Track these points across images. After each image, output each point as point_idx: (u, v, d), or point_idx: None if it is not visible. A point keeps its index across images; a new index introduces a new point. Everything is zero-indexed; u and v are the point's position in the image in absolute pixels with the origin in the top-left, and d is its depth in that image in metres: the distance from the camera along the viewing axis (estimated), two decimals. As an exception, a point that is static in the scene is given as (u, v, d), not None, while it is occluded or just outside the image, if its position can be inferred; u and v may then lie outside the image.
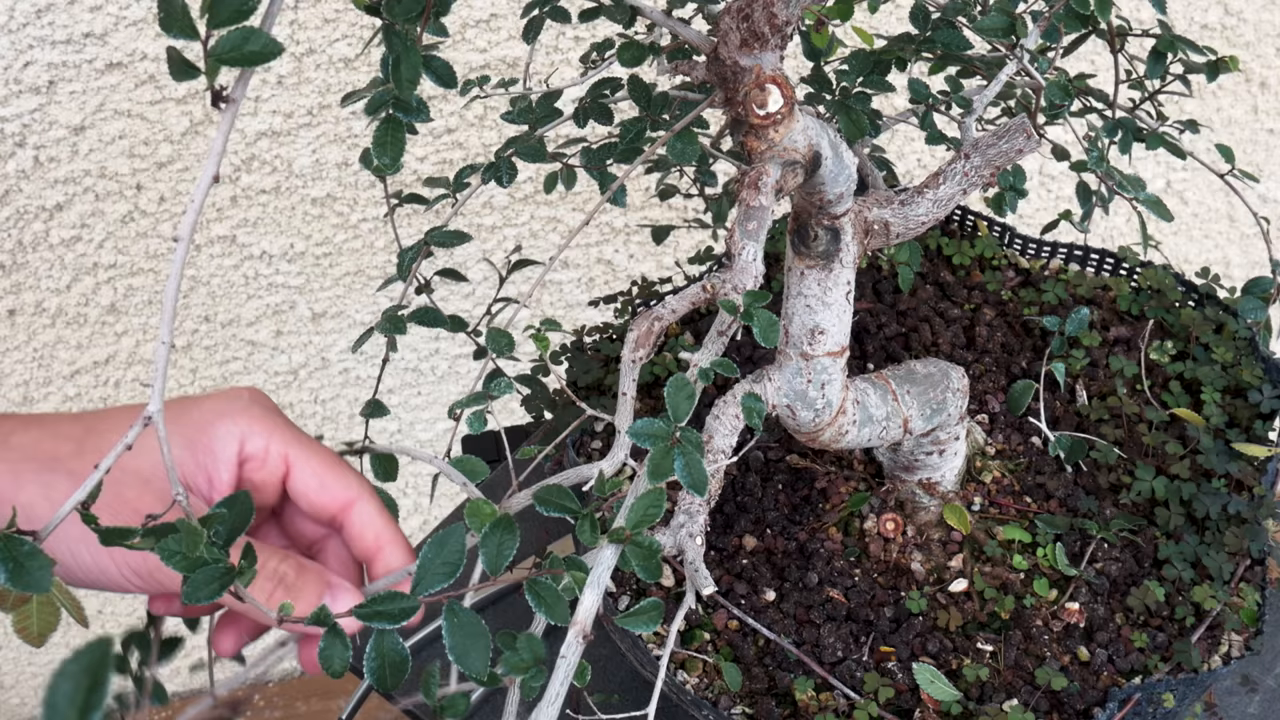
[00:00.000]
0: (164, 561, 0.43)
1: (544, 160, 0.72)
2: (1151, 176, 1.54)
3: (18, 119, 1.27)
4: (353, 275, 1.49)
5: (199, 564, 0.43)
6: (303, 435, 0.62)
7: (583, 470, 0.54)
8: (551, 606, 0.46)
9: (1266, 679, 0.88)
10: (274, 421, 0.61)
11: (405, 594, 0.43)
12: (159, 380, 0.40)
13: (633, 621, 0.51)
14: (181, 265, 0.38)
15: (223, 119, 0.37)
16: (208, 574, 0.44)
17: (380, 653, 0.44)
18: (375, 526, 0.61)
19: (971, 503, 0.84)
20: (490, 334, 0.69)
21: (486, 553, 0.45)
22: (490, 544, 0.46)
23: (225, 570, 0.44)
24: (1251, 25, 1.42)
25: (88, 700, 0.23)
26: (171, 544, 0.43)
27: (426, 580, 0.43)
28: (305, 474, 0.61)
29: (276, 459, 0.60)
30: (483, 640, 0.43)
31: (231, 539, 0.46)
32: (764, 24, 0.52)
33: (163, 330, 0.39)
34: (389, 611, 0.43)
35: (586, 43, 1.31)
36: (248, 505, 0.48)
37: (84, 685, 0.23)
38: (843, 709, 0.73)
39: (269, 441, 0.60)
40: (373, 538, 0.61)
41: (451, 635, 0.43)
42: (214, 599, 0.44)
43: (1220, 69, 0.75)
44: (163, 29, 0.36)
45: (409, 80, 0.42)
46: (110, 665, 0.23)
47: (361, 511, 0.61)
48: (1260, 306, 0.84)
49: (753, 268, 0.52)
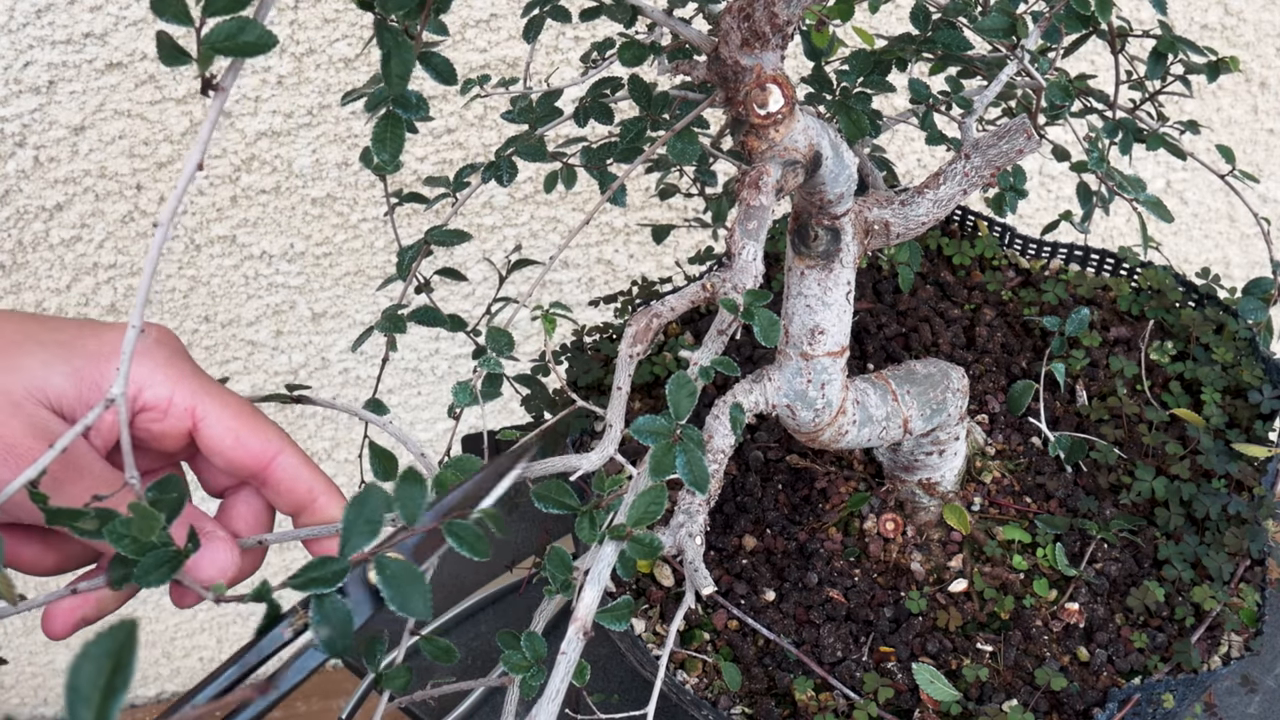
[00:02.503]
0: (112, 544, 0.42)
1: (544, 159, 0.72)
2: (1151, 177, 1.54)
3: (18, 119, 1.27)
4: (353, 275, 1.49)
5: (148, 548, 0.43)
6: (212, 384, 0.57)
7: (570, 460, 0.54)
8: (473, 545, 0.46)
9: (1266, 679, 0.88)
10: (180, 369, 0.56)
11: (334, 557, 0.43)
12: (125, 363, 0.40)
13: (606, 618, 0.51)
14: (158, 250, 0.38)
15: (211, 107, 0.37)
16: (157, 558, 0.43)
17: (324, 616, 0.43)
18: (304, 478, 0.58)
19: (971, 503, 0.84)
20: (490, 333, 0.69)
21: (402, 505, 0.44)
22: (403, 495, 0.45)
23: (173, 554, 0.44)
24: (1251, 25, 1.42)
25: (111, 683, 0.23)
26: (118, 527, 0.43)
27: (353, 541, 0.43)
28: (217, 429, 0.56)
29: (180, 411, 0.56)
30: (420, 584, 0.43)
31: (171, 519, 0.46)
32: (765, 23, 0.52)
33: (133, 315, 0.39)
34: (321, 576, 0.43)
35: (586, 42, 1.31)
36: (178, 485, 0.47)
37: (107, 668, 0.23)
38: (842, 709, 0.73)
39: (173, 392, 0.56)
40: (304, 490, 0.58)
41: (388, 587, 0.43)
42: (163, 582, 0.43)
43: (1221, 69, 0.75)
44: (155, 12, 0.36)
45: (399, 75, 0.42)
46: (135, 649, 0.23)
47: (286, 464, 0.58)
48: (1261, 307, 0.84)
49: (753, 267, 0.52)
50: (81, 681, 0.23)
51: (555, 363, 0.90)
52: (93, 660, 0.23)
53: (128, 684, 0.23)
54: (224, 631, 1.87)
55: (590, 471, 0.55)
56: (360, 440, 1.33)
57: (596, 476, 0.55)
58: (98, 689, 0.23)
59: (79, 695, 0.23)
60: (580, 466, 0.54)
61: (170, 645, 1.85)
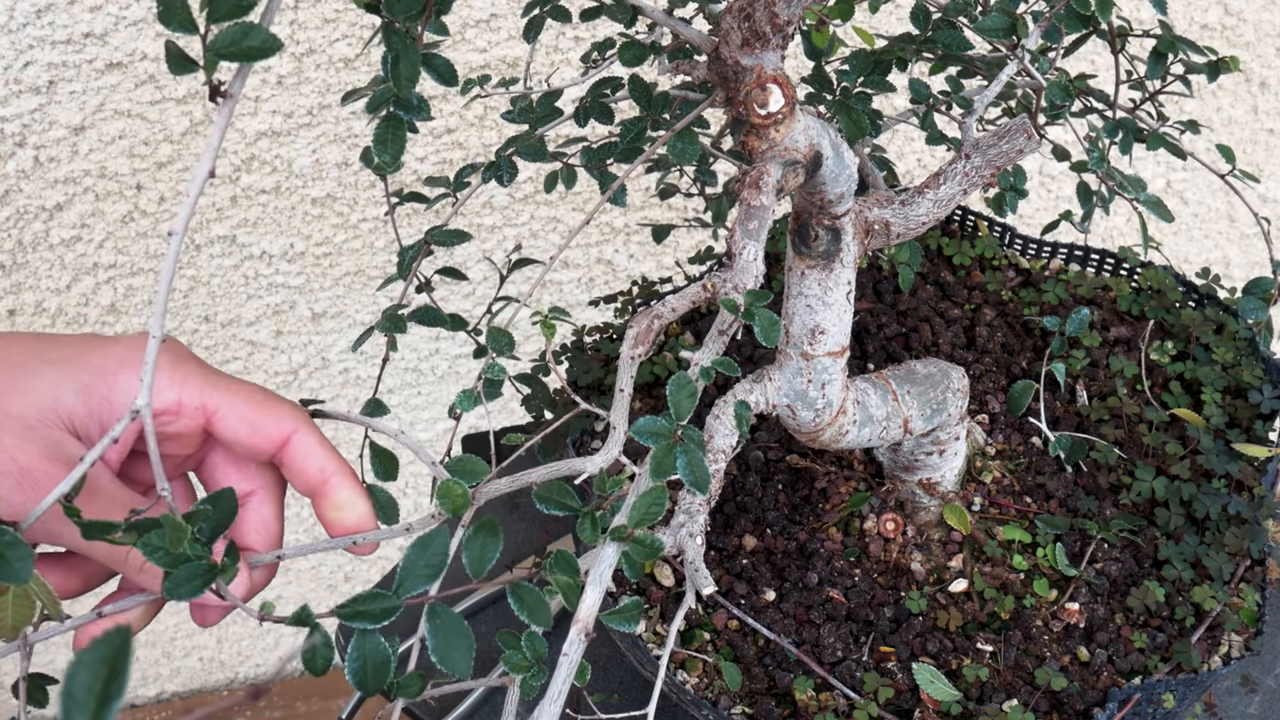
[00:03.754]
0: (147, 557, 0.43)
1: (544, 159, 0.72)
2: (1151, 176, 1.54)
3: (18, 119, 1.27)
4: (353, 275, 1.49)
5: (181, 560, 0.43)
6: (220, 377, 0.57)
7: (575, 463, 0.54)
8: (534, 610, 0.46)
9: (1266, 679, 0.88)
10: (185, 370, 0.56)
11: (387, 593, 0.43)
12: (148, 374, 0.40)
13: (615, 619, 0.51)
14: (175, 260, 0.38)
15: (219, 114, 0.37)
16: (190, 571, 0.43)
17: (363, 654, 0.43)
18: (317, 458, 0.57)
19: (971, 503, 0.84)
20: (490, 332, 0.69)
21: (470, 555, 0.45)
22: (474, 547, 0.45)
23: (208, 568, 0.43)
24: (1251, 25, 1.42)
25: (106, 689, 0.23)
26: (154, 539, 0.43)
27: (409, 581, 0.43)
28: (231, 419, 0.56)
29: (192, 409, 0.56)
30: (465, 640, 0.43)
31: (215, 536, 0.46)
32: (765, 23, 0.52)
33: (153, 325, 0.39)
34: (370, 611, 0.43)
35: (586, 43, 1.31)
36: (231, 502, 0.47)
37: (103, 674, 0.23)
38: (842, 709, 0.73)
39: (180, 394, 0.56)
40: (316, 470, 0.57)
41: (434, 637, 0.43)
42: (195, 596, 0.43)
43: (1221, 69, 0.75)
44: (162, 22, 0.36)
45: (408, 78, 0.42)
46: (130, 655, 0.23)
47: (300, 444, 0.57)
48: (1261, 307, 0.84)
49: (753, 267, 0.52)
50: (77, 687, 0.23)
51: (555, 363, 0.90)
52: (88, 666, 0.23)
53: (123, 690, 0.23)
54: (224, 632, 1.87)
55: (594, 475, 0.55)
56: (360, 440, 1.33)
57: (598, 477, 0.55)
58: (93, 695, 0.23)
59: (75, 701, 0.23)
60: (585, 470, 0.54)
61: (170, 645, 1.85)
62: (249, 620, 1.84)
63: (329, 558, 1.80)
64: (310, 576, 1.81)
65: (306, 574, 1.81)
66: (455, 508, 0.48)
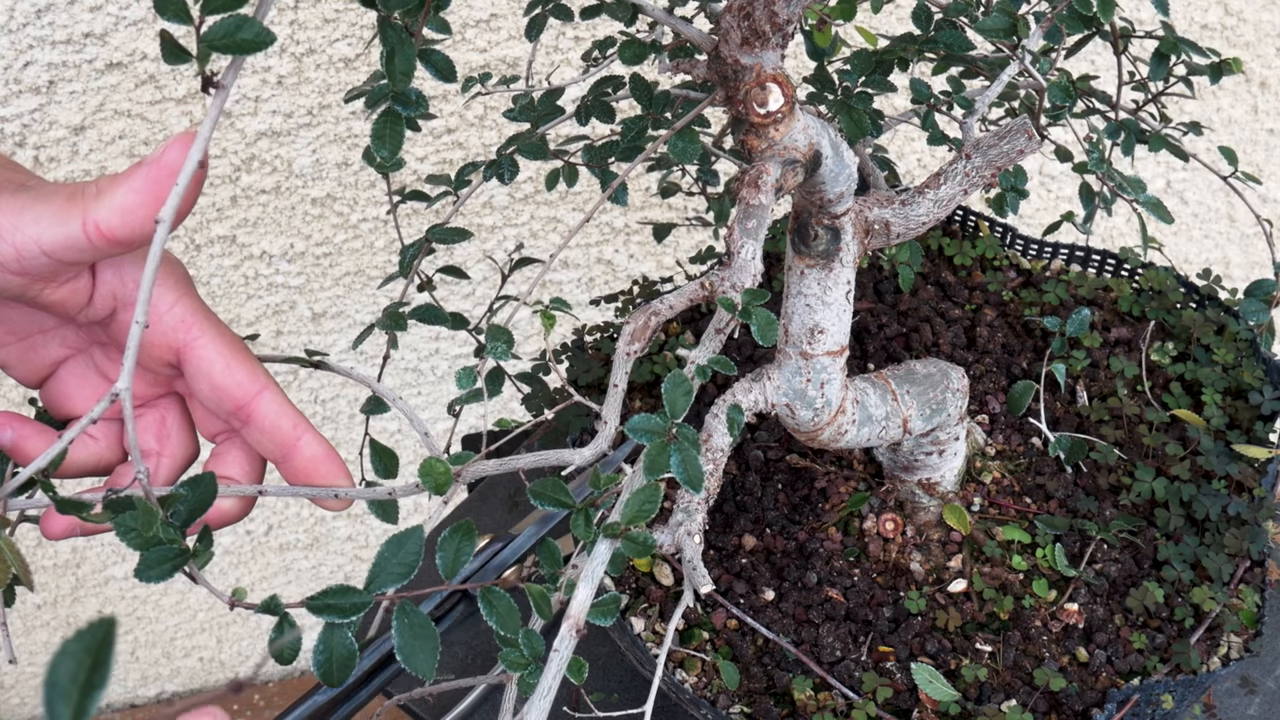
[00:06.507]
0: (119, 537, 0.43)
1: (545, 158, 0.72)
2: (1151, 177, 1.54)
3: (18, 119, 1.27)
4: (353, 275, 1.49)
5: (153, 543, 0.43)
6: (211, 312, 0.56)
7: (563, 454, 0.54)
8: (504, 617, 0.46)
9: (1266, 681, 0.88)
10: (186, 289, 0.55)
11: (357, 589, 0.43)
12: (129, 358, 0.40)
13: (594, 613, 0.51)
14: (160, 247, 0.39)
15: (211, 104, 0.38)
16: (160, 554, 0.43)
17: (329, 647, 0.43)
18: (289, 415, 0.57)
19: (971, 503, 0.84)
20: (491, 330, 0.69)
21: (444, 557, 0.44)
22: (448, 548, 0.45)
23: (179, 552, 0.43)
24: (1251, 25, 1.42)
25: (89, 679, 0.23)
26: (128, 520, 0.43)
27: (381, 578, 0.43)
28: (209, 352, 0.55)
29: (175, 322, 0.55)
30: (431, 643, 0.43)
31: (190, 520, 0.45)
32: (765, 22, 0.52)
33: (138, 311, 0.39)
34: (339, 605, 0.42)
35: (587, 42, 1.31)
36: (210, 487, 0.47)
37: (86, 664, 0.23)
38: (841, 708, 0.73)
39: (175, 303, 0.54)
40: (289, 427, 0.56)
41: (400, 636, 0.43)
42: (165, 579, 0.43)
43: (1223, 71, 0.75)
44: (157, 11, 0.37)
45: (403, 72, 0.42)
46: (113, 644, 0.23)
47: (271, 401, 0.56)
48: (1262, 309, 0.84)
49: (752, 266, 0.52)
50: (60, 677, 0.23)
51: (556, 362, 0.90)
52: (71, 656, 0.23)
53: (106, 680, 0.23)
54: (224, 631, 1.87)
55: (584, 466, 0.55)
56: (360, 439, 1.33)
57: (591, 474, 0.55)
58: (76, 685, 0.23)
59: (57, 691, 0.23)
60: (573, 461, 0.54)
61: (170, 645, 1.85)
62: (250, 620, 1.84)
63: (329, 558, 1.80)
64: (310, 577, 1.81)
65: (307, 574, 1.81)
66: (437, 485, 0.48)
